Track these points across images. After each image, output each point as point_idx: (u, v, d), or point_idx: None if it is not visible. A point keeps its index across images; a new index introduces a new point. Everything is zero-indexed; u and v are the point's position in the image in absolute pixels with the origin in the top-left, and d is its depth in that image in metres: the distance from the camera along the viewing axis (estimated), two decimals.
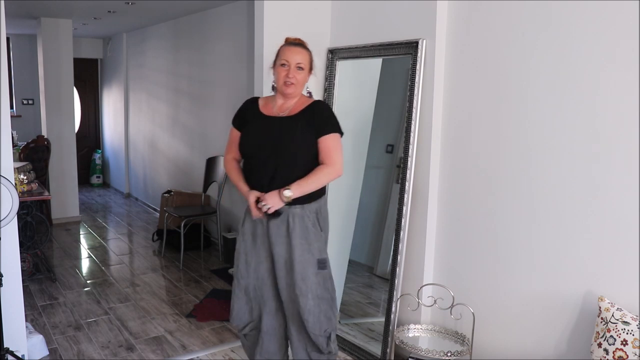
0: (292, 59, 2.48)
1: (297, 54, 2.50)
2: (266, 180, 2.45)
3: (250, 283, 2.61)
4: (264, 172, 2.46)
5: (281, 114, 2.53)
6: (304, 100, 2.58)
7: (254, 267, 2.59)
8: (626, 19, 2.17)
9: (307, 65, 2.53)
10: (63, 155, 6.49)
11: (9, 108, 2.81)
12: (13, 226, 2.83)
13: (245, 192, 2.52)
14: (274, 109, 2.57)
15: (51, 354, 3.30)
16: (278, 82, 2.52)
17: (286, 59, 2.49)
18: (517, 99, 2.60)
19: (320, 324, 2.54)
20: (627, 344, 2.09)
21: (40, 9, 5.80)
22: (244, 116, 2.63)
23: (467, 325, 2.83)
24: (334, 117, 2.55)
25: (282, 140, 2.46)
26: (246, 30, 4.85)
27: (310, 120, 2.47)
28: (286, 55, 2.50)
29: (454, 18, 2.86)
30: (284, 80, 2.48)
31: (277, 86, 2.55)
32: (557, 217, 2.46)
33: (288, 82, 2.48)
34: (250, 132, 2.55)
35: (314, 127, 2.47)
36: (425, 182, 3.00)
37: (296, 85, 2.50)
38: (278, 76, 2.51)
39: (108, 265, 5.09)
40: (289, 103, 2.56)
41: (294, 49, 2.52)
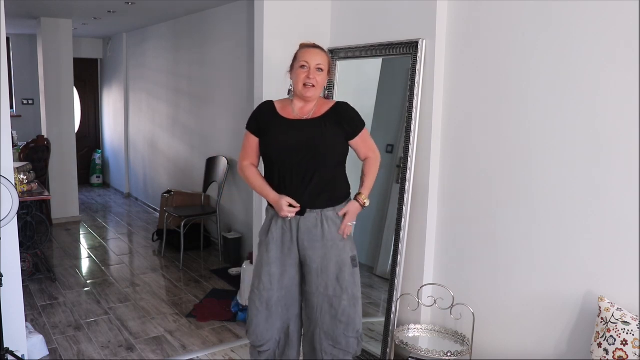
0: (312, 60, 2.42)
1: (317, 55, 2.45)
2: (302, 184, 2.40)
3: (273, 295, 2.50)
4: (297, 176, 2.41)
5: (305, 117, 2.48)
6: (325, 102, 2.54)
7: (278, 278, 2.50)
8: (626, 19, 2.17)
9: (326, 67, 2.46)
10: (63, 155, 6.49)
11: (9, 108, 2.81)
12: (13, 226, 2.83)
13: (275, 198, 2.43)
14: (294, 112, 2.49)
15: (51, 354, 3.30)
16: (297, 85, 2.45)
17: (306, 60, 2.43)
18: (517, 99, 2.60)
19: (355, 324, 2.50)
20: (627, 344, 2.09)
21: (40, 9, 5.80)
22: (262, 121, 2.52)
23: (467, 325, 2.83)
24: (358, 113, 2.56)
25: (315, 142, 2.41)
26: (246, 30, 4.85)
27: (339, 123, 2.46)
28: (305, 56, 2.44)
29: (454, 18, 2.86)
30: (304, 82, 2.42)
31: (295, 89, 2.47)
32: (557, 217, 2.46)
33: (308, 84, 2.42)
34: (277, 137, 2.45)
35: (344, 129, 2.47)
36: (425, 182, 3.00)
37: (316, 87, 2.43)
38: (297, 79, 2.44)
39: (108, 265, 5.10)
40: (309, 106, 2.50)
41: (313, 51, 2.47)
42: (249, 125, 2.56)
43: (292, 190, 2.41)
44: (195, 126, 6.02)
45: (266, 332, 2.53)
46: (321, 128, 2.44)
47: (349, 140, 2.51)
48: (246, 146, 2.57)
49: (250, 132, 2.55)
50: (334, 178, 2.48)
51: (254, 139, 2.54)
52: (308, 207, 2.43)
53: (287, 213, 2.39)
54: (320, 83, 2.45)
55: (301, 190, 2.41)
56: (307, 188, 2.41)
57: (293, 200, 2.39)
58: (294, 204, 2.39)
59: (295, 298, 2.57)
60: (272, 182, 2.47)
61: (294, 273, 2.52)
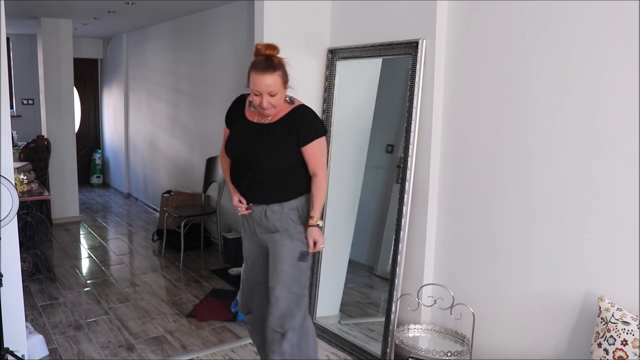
0: (264, 89, 2.36)
1: (268, 81, 2.35)
2: (245, 186, 2.56)
3: (253, 276, 2.72)
4: (243, 177, 2.56)
5: (262, 121, 2.51)
6: (288, 106, 2.52)
7: (252, 261, 2.71)
8: (626, 19, 2.17)
9: (280, 86, 2.39)
10: (63, 155, 6.48)
11: (9, 108, 2.81)
12: (13, 226, 2.83)
13: (231, 191, 2.64)
14: (257, 114, 2.53)
15: (51, 354, 3.30)
16: (254, 103, 2.44)
17: (257, 90, 2.37)
18: (517, 98, 2.60)
19: (282, 319, 2.50)
20: (627, 344, 2.09)
21: (40, 9, 5.80)
22: (232, 116, 2.66)
23: (467, 325, 2.82)
24: (317, 120, 2.53)
25: (259, 148, 2.49)
26: (246, 30, 4.85)
27: (291, 128, 2.46)
28: (257, 85, 2.36)
29: (454, 18, 2.86)
30: (261, 107, 2.41)
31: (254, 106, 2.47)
32: (557, 217, 2.46)
33: (265, 110, 2.42)
34: (234, 136, 2.60)
35: (296, 135, 2.46)
36: (425, 182, 3.00)
37: (273, 108, 2.43)
38: (254, 100, 2.42)
39: (108, 265, 5.09)
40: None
41: (264, 78, 2.35)
42: (226, 117, 2.70)
43: (242, 185, 2.57)
44: (195, 126, 6.02)
45: (251, 302, 2.76)
46: (271, 135, 2.48)
47: (301, 146, 2.47)
48: (224, 136, 2.72)
49: (226, 124, 2.70)
50: (281, 181, 2.51)
51: (226, 131, 2.69)
52: (254, 202, 2.55)
53: (237, 207, 2.59)
54: (276, 103, 2.42)
55: (248, 187, 2.55)
56: (250, 191, 2.55)
57: (241, 197, 2.57)
58: (242, 200, 2.57)
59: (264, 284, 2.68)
60: (231, 174, 2.64)
61: (263, 256, 2.64)
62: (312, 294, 3.58)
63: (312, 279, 3.57)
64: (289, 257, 2.51)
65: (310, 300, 3.59)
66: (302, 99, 3.50)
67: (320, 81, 3.54)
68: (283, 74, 2.42)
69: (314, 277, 3.56)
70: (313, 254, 2.74)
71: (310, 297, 3.59)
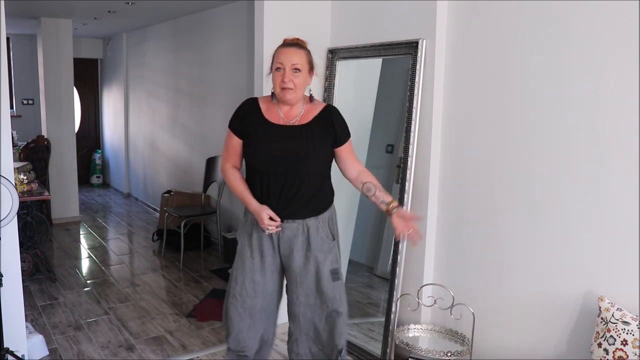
0: (287, 61, 2.23)
1: (293, 55, 2.24)
2: (286, 195, 2.28)
3: (257, 304, 2.40)
4: (281, 186, 2.27)
5: (291, 122, 2.32)
6: (313, 106, 2.37)
7: (262, 287, 2.39)
8: (626, 19, 2.17)
9: (304, 66, 2.26)
10: (63, 155, 6.48)
11: (9, 108, 2.81)
12: (13, 226, 2.83)
13: (256, 208, 2.29)
14: (281, 115, 2.33)
15: (51, 354, 3.30)
16: (275, 89, 2.29)
17: (280, 62, 2.24)
18: (517, 99, 2.60)
19: (334, 339, 2.40)
20: (627, 344, 2.09)
21: (40, 9, 5.80)
22: (246, 122, 2.35)
23: (467, 325, 2.82)
24: (345, 120, 2.44)
25: (302, 153, 2.27)
26: (246, 30, 4.85)
27: (328, 129, 2.33)
28: (280, 57, 2.25)
29: (454, 18, 2.86)
30: (281, 86, 2.25)
31: (275, 93, 2.31)
32: (557, 216, 2.46)
33: (286, 87, 2.24)
34: (262, 144, 2.29)
35: (332, 135, 2.34)
36: (425, 182, 3.00)
37: (295, 90, 2.25)
38: (274, 81, 2.28)
39: (108, 265, 5.09)
40: (296, 110, 2.34)
41: (289, 50, 2.26)
42: (231, 124, 2.39)
43: (274, 201, 2.29)
44: (195, 126, 6.02)
45: (249, 339, 2.44)
46: (308, 136, 2.29)
47: (335, 147, 2.37)
48: (229, 147, 2.40)
49: (232, 133, 2.38)
50: (319, 188, 2.36)
51: (237, 141, 2.37)
52: (290, 217, 2.31)
53: (267, 227, 2.27)
54: (299, 85, 2.25)
55: (284, 201, 2.28)
56: (291, 200, 2.29)
57: (274, 214, 2.27)
58: (274, 218, 2.27)
59: (275, 304, 2.50)
60: (254, 189, 2.34)
61: (276, 279, 2.44)
62: None
63: None
64: (325, 277, 2.35)
65: None
66: None
67: (320, 81, 3.54)
68: (309, 58, 2.31)
69: None
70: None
71: None
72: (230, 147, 2.40)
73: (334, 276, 2.38)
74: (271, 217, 2.27)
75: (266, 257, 2.37)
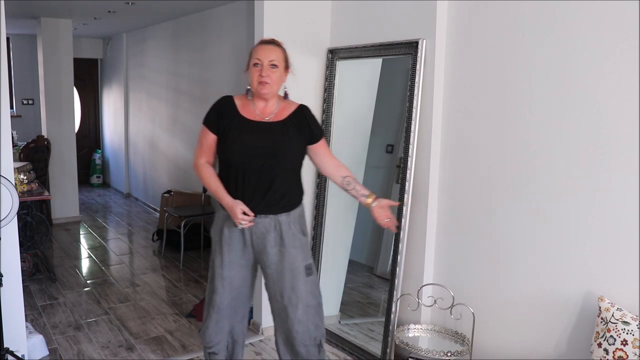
0: (265, 57, 2.32)
1: (270, 52, 2.35)
2: (260, 190, 2.34)
3: (224, 300, 2.47)
4: (255, 181, 2.34)
5: (266, 118, 2.40)
6: (288, 104, 2.46)
7: (230, 281, 2.45)
8: (627, 19, 2.17)
9: (281, 63, 2.36)
10: (63, 155, 6.49)
11: (9, 108, 2.81)
12: (13, 226, 2.83)
13: (230, 203, 2.32)
14: (256, 112, 2.40)
15: (51, 354, 3.30)
16: (252, 84, 2.36)
17: (258, 58, 2.33)
18: (517, 99, 2.60)
19: (309, 332, 2.44)
20: (627, 344, 2.09)
21: (40, 9, 5.80)
22: (222, 118, 2.41)
23: (467, 325, 2.83)
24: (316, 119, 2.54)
25: (277, 147, 2.35)
26: (246, 30, 4.85)
27: (302, 127, 2.42)
28: (258, 54, 2.35)
29: (454, 18, 2.86)
30: (258, 81, 2.33)
31: (252, 88, 2.39)
32: (557, 217, 2.46)
33: (263, 81, 2.32)
34: (238, 139, 2.35)
35: (306, 133, 2.43)
36: (425, 182, 3.00)
37: (271, 84, 2.33)
38: (252, 77, 2.36)
39: (108, 265, 5.09)
40: (270, 107, 2.42)
41: (266, 47, 2.37)
42: (206, 120, 2.46)
43: (248, 196, 2.34)
44: (195, 126, 6.01)
45: (215, 334, 2.51)
46: (284, 132, 2.37)
47: (309, 144, 2.46)
48: (202, 143, 2.46)
49: (207, 129, 2.44)
50: (291, 185, 2.43)
51: (212, 137, 2.44)
52: (263, 212, 2.35)
53: (241, 221, 2.30)
54: (275, 80, 2.35)
55: (258, 196, 2.34)
56: (265, 195, 2.34)
57: (247, 209, 2.30)
58: (248, 213, 2.30)
59: (245, 299, 2.54)
60: (227, 184, 2.38)
61: (246, 274, 2.48)
62: None
63: None
64: (301, 273, 2.41)
65: None
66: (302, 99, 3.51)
67: (320, 81, 3.54)
68: (285, 56, 2.41)
69: None
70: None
71: None
72: (205, 143, 2.46)
73: (308, 271, 2.45)
74: (245, 212, 2.30)
75: (235, 251, 2.42)
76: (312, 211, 3.55)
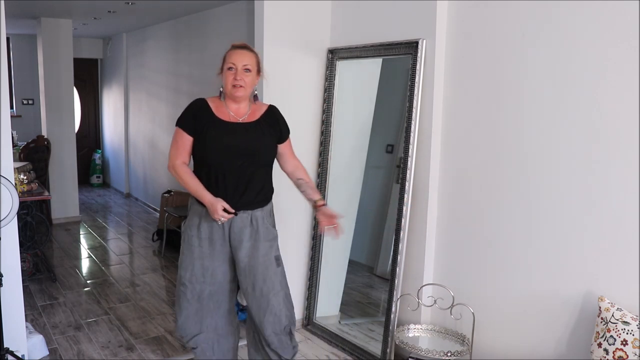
0: (239, 62, 2.44)
1: (244, 56, 2.47)
2: (238, 188, 2.44)
3: (205, 289, 2.56)
4: (233, 179, 2.44)
5: (240, 119, 2.51)
6: (258, 105, 2.59)
7: (211, 272, 2.54)
8: (627, 20, 2.17)
9: (254, 67, 2.49)
10: (63, 155, 6.48)
11: (9, 108, 2.81)
12: (13, 226, 2.83)
13: (211, 200, 2.41)
14: (230, 114, 2.50)
15: (51, 354, 3.30)
16: (226, 87, 2.47)
17: (232, 62, 2.45)
18: (517, 98, 2.60)
19: (281, 322, 2.56)
20: (627, 344, 2.09)
21: (40, 9, 5.80)
22: (198, 120, 2.49)
23: (467, 325, 2.83)
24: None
25: (255, 146, 2.47)
26: (246, 30, 4.85)
27: (274, 127, 2.56)
28: (232, 58, 2.46)
29: (454, 18, 2.86)
30: (232, 84, 2.44)
31: (225, 91, 2.50)
32: (557, 216, 2.46)
33: (237, 85, 2.44)
34: (216, 139, 2.44)
35: (277, 132, 2.57)
36: (425, 182, 3.00)
37: (245, 87, 2.45)
38: (226, 80, 2.46)
39: (108, 265, 5.09)
40: (243, 108, 2.53)
41: (240, 52, 2.49)
42: (182, 122, 2.53)
43: (225, 193, 2.43)
44: None
45: (194, 325, 2.59)
46: (259, 132, 2.50)
47: (279, 143, 2.60)
48: (179, 144, 2.53)
49: (183, 130, 2.51)
50: (265, 181, 2.55)
51: (187, 138, 2.51)
52: (241, 209, 2.46)
53: (221, 217, 2.39)
54: (248, 83, 2.46)
55: (237, 193, 2.45)
56: (244, 192, 2.45)
57: (228, 206, 2.40)
58: (228, 209, 2.40)
59: (226, 295, 2.64)
60: (206, 184, 2.46)
61: (225, 269, 2.57)
62: (312, 294, 3.58)
63: (312, 279, 3.57)
64: (272, 264, 2.54)
65: (310, 300, 3.59)
66: (302, 99, 3.52)
67: (320, 81, 3.54)
68: (258, 60, 2.54)
69: (314, 277, 3.56)
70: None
71: (310, 297, 3.59)
72: (181, 144, 2.53)
73: (278, 262, 2.58)
74: (225, 208, 2.40)
75: (216, 245, 2.51)
76: (312, 211, 3.55)
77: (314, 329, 3.55)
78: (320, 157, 3.53)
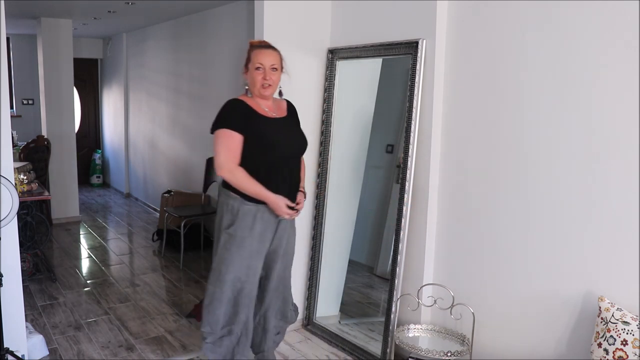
0: (267, 62, 2.53)
1: (270, 56, 2.56)
2: (288, 180, 2.57)
3: (245, 287, 2.60)
4: (284, 173, 2.56)
5: (274, 115, 2.63)
6: (279, 101, 2.73)
7: (254, 271, 2.63)
8: (626, 20, 2.17)
9: (279, 66, 2.59)
10: (63, 155, 6.48)
11: (9, 108, 2.81)
12: (13, 226, 2.83)
13: (274, 199, 2.49)
14: (265, 110, 2.60)
15: (51, 354, 3.30)
16: (255, 85, 2.56)
17: (260, 62, 2.53)
18: (517, 99, 2.60)
19: (292, 300, 2.90)
20: (627, 344, 2.09)
21: (40, 9, 5.80)
22: (246, 118, 2.51)
23: (467, 325, 2.83)
24: None
25: (300, 140, 2.66)
26: (246, 30, 4.85)
27: (296, 120, 2.77)
28: (259, 58, 2.54)
29: (454, 18, 2.86)
30: (262, 84, 2.54)
31: (253, 89, 2.58)
32: (557, 216, 2.46)
33: (265, 85, 2.54)
34: (273, 135, 2.54)
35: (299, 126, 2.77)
36: (425, 182, 3.00)
37: (273, 86, 2.57)
38: (254, 80, 2.55)
39: (108, 265, 5.09)
40: (272, 104, 2.66)
41: (266, 52, 2.57)
42: (229, 123, 2.49)
43: (278, 187, 2.53)
44: (195, 126, 6.02)
45: (227, 320, 2.64)
46: (294, 126, 2.71)
47: None
48: (230, 147, 2.48)
49: (234, 131, 2.48)
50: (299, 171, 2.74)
51: (238, 138, 2.48)
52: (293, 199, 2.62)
53: (287, 213, 2.52)
54: (276, 81, 2.59)
55: (289, 187, 2.58)
56: (292, 183, 2.60)
57: (288, 201, 2.53)
58: (290, 204, 2.53)
59: (256, 289, 2.73)
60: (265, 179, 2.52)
61: (261, 265, 2.68)
62: (312, 294, 3.58)
63: (312, 279, 3.57)
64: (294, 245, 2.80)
65: (310, 300, 3.59)
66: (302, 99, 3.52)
67: (320, 81, 3.54)
68: (281, 58, 2.63)
69: (314, 277, 3.56)
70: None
71: (310, 297, 3.59)
72: (233, 146, 2.48)
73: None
74: (289, 205, 2.53)
75: (265, 242, 2.61)
76: (312, 211, 3.55)
77: (314, 329, 3.55)
78: (320, 157, 3.53)
